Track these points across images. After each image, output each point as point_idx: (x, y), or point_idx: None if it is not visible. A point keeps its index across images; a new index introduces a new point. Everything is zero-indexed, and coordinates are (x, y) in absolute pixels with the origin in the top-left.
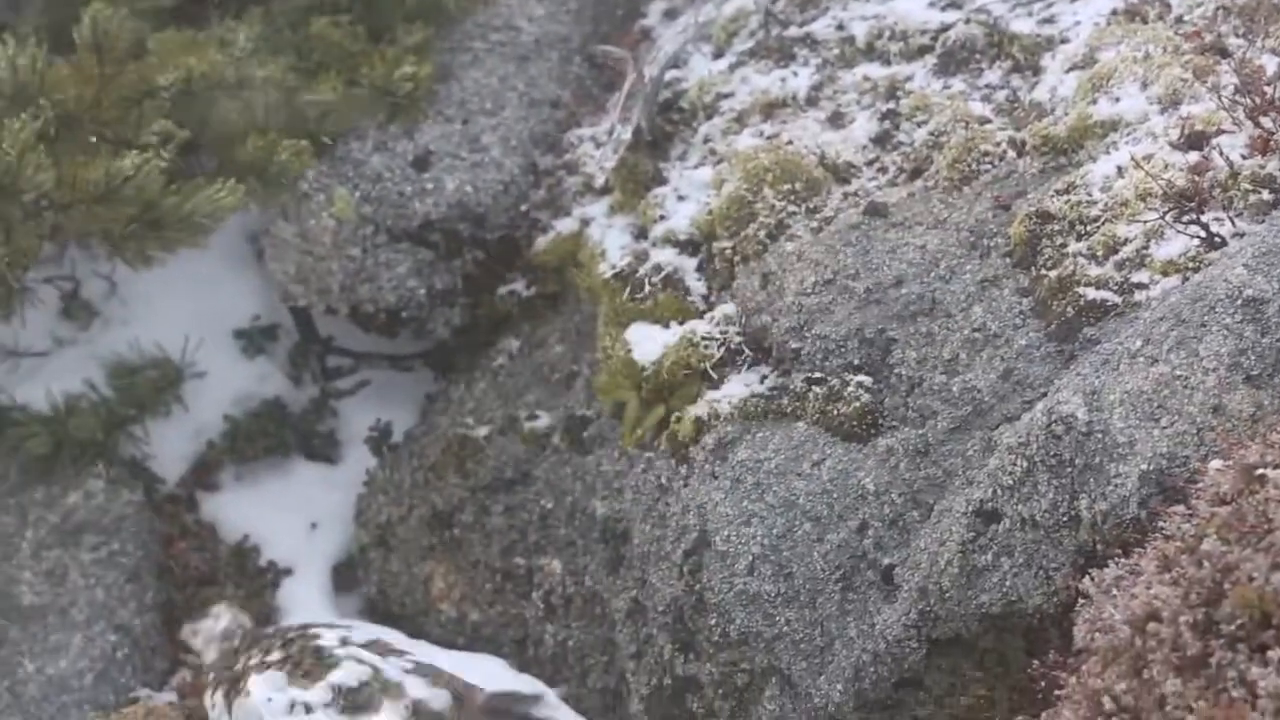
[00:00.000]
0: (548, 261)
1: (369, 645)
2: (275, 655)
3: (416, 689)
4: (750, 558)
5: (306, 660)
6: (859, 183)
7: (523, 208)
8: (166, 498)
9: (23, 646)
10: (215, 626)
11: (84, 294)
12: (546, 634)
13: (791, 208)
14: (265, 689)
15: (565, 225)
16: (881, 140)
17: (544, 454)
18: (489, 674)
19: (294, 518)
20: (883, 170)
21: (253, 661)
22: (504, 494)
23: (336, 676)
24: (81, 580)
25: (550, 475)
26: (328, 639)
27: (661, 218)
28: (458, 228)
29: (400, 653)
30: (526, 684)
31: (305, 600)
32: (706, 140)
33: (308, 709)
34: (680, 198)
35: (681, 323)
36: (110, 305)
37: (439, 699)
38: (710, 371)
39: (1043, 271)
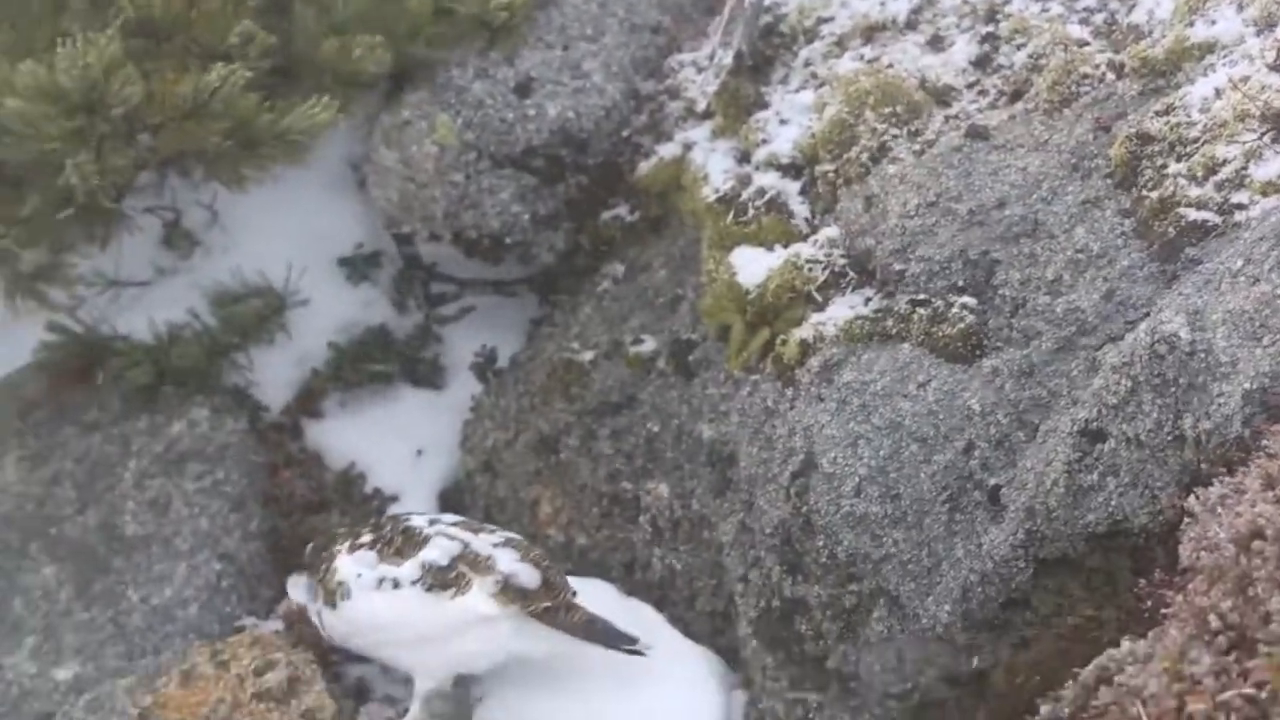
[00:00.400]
0: (651, 186)
1: (458, 524)
2: (366, 537)
3: (506, 562)
4: (857, 479)
5: (397, 539)
6: (960, 105)
7: (625, 133)
8: (271, 426)
9: (126, 576)
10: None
11: (185, 223)
12: (654, 558)
13: (893, 131)
14: (355, 566)
15: (668, 150)
16: (981, 63)
17: (649, 378)
18: (598, 599)
19: (399, 444)
20: (983, 93)
21: (343, 545)
22: (610, 418)
23: (427, 554)
24: (185, 509)
25: (656, 399)
26: (417, 521)
27: (764, 141)
28: (560, 153)
29: (491, 529)
30: (634, 608)
31: None
32: (807, 64)
33: (395, 584)
34: (782, 121)
35: (785, 246)
36: (212, 234)
37: (530, 576)
38: (815, 294)
39: (1144, 193)
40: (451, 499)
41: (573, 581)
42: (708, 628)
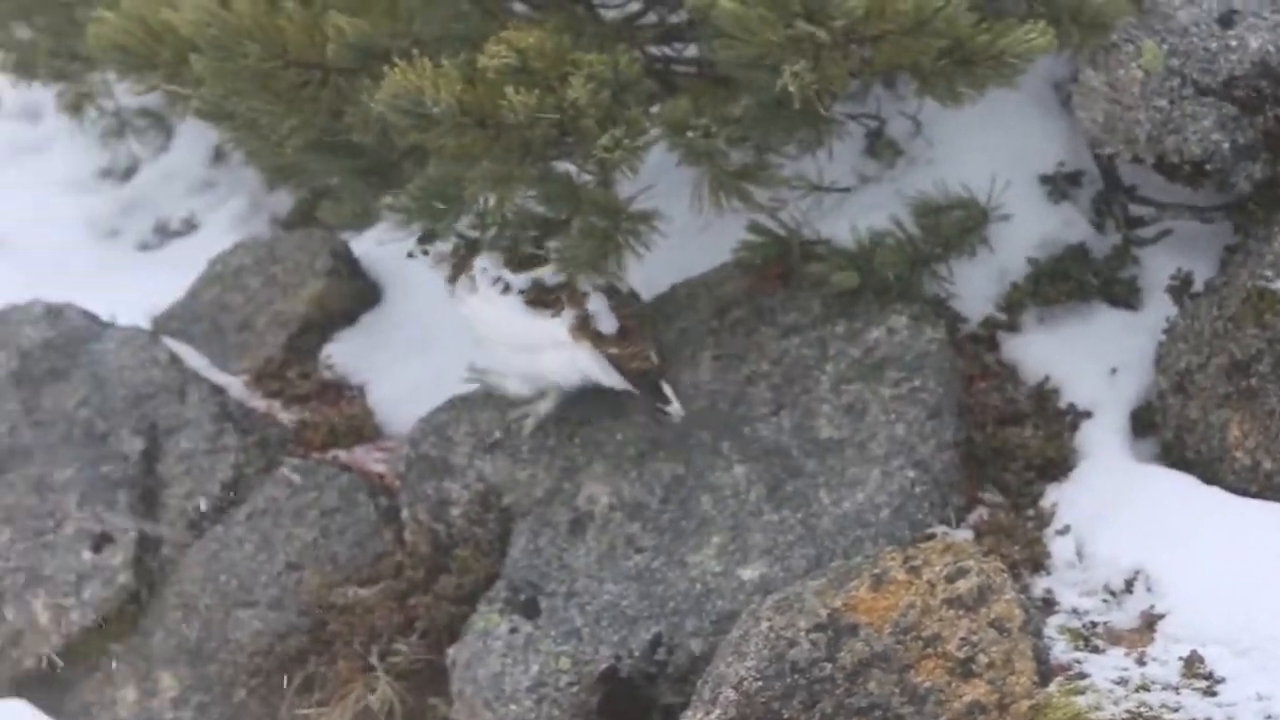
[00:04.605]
0: None
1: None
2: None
3: (595, 303)
4: None
5: (520, 255)
6: None
7: None
8: (968, 337)
9: (819, 479)
10: (444, 247)
11: (889, 133)
12: None
13: None
14: (483, 260)
15: None
16: None
17: None
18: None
19: (1093, 362)
20: None
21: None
22: None
23: (540, 272)
24: (881, 415)
25: None
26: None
27: None
28: (1260, 85)
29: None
30: None
31: (1102, 443)
32: None
33: (506, 287)
34: None
35: None
36: (915, 145)
37: (608, 322)
38: None
39: None
40: (1143, 417)
41: (1253, 504)
42: None
